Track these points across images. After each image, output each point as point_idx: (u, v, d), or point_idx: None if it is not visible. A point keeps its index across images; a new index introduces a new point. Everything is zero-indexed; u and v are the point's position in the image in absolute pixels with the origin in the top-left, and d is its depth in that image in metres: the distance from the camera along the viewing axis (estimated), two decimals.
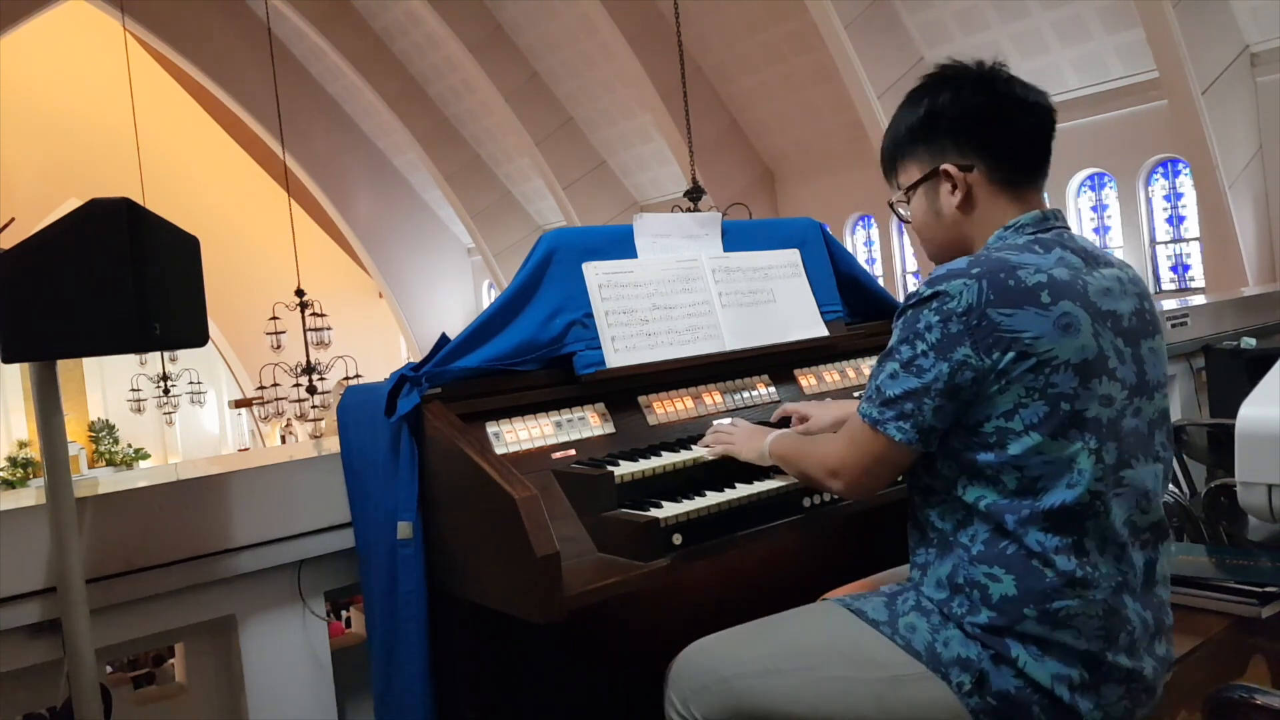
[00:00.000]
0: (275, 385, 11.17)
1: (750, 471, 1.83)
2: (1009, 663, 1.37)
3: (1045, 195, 1.57)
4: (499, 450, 1.81)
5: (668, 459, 1.85)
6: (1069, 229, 1.51)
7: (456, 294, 17.83)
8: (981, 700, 1.38)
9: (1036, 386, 1.35)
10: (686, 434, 2.03)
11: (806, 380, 2.31)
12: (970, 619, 1.40)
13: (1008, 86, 1.51)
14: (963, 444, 1.41)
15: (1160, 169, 9.39)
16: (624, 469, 1.78)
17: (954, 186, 1.52)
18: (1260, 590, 1.92)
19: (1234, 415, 2.40)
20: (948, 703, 1.39)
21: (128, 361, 16.42)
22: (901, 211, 1.64)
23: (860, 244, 12.13)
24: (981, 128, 1.50)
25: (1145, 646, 1.42)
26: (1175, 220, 9.44)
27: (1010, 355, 1.35)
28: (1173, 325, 4.24)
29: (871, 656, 1.44)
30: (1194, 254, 9.33)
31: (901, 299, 1.50)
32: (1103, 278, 1.45)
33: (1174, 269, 9.52)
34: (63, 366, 1.70)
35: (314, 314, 10.41)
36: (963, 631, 1.40)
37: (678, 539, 1.66)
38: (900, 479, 1.54)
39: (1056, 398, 1.35)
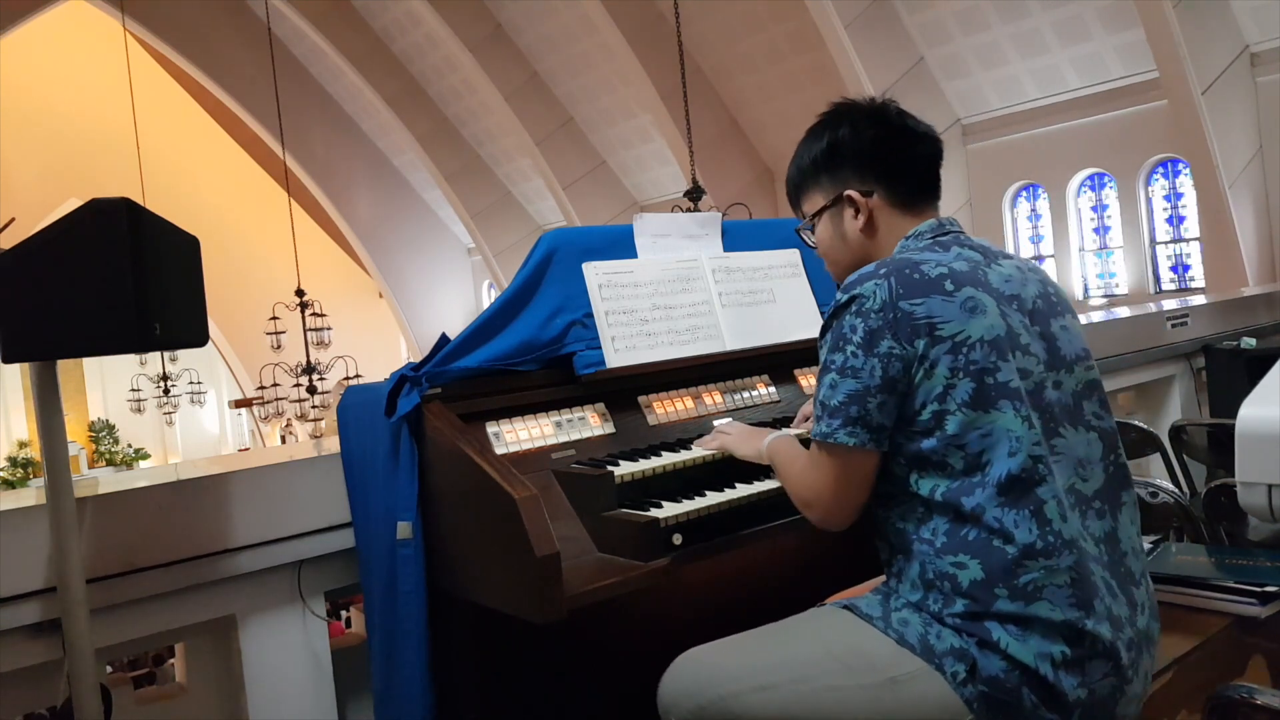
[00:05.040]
0: (275, 385, 11.16)
1: (750, 471, 1.83)
2: (992, 646, 1.38)
3: (939, 209, 1.70)
4: (499, 450, 1.82)
5: (668, 459, 1.85)
6: (963, 233, 1.62)
7: (456, 294, 17.82)
8: (975, 689, 1.38)
9: (959, 366, 1.42)
10: (686, 434, 2.03)
11: (806, 380, 2.31)
12: (948, 611, 1.41)
13: (899, 119, 1.65)
14: (905, 436, 1.45)
15: (1160, 169, 9.39)
16: (624, 469, 1.78)
17: (856, 211, 1.63)
18: (1260, 590, 1.92)
19: (1234, 415, 2.41)
20: (945, 698, 1.39)
21: (128, 361, 16.45)
22: (807, 238, 1.75)
23: None
24: (880, 156, 1.62)
25: (1127, 618, 1.43)
26: (1175, 220, 9.44)
27: (925, 340, 1.43)
28: (1172, 325, 4.25)
29: (868, 659, 1.44)
30: (1194, 254, 9.33)
31: None
32: (1002, 268, 1.54)
33: (1174, 269, 9.52)
34: (63, 366, 1.70)
35: (314, 314, 10.40)
36: (945, 626, 1.42)
37: (678, 539, 1.66)
38: None
39: (979, 373, 1.42)
